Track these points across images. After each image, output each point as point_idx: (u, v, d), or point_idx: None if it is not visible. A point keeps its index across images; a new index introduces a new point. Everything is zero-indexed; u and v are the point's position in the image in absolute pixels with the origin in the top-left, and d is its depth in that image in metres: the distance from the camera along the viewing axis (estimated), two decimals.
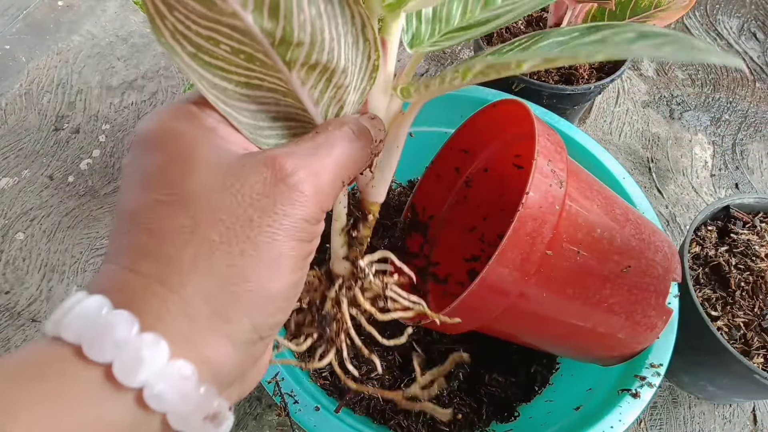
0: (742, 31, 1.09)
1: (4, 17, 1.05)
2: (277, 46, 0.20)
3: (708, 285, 0.60)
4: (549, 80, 0.74)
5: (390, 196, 0.64)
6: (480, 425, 0.51)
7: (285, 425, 0.62)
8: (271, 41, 0.20)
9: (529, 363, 0.54)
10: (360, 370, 0.49)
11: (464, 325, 0.41)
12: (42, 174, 0.82)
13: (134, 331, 0.15)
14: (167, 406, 0.15)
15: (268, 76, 0.21)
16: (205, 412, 0.16)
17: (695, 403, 0.66)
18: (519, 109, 0.45)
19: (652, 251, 0.42)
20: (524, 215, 0.35)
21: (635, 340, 0.43)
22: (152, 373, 0.15)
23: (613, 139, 0.91)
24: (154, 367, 0.15)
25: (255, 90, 0.22)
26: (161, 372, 0.15)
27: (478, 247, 0.57)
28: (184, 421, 0.16)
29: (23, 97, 0.92)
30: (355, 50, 0.22)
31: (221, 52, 0.20)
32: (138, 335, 0.15)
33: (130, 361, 0.15)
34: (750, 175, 0.88)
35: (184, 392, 0.15)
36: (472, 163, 0.56)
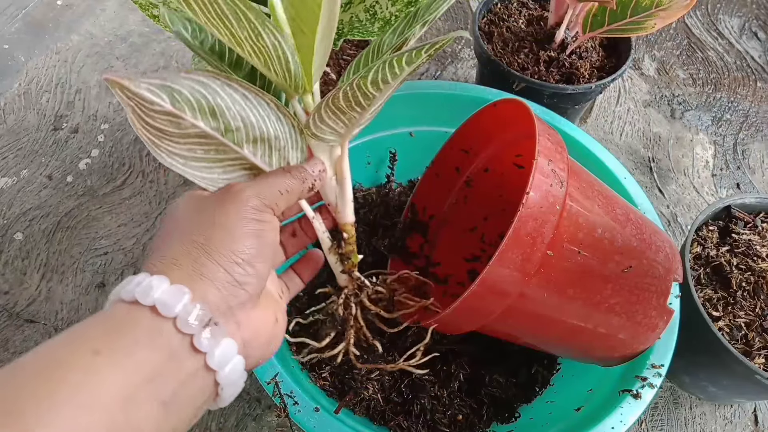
0: (743, 30, 1.09)
1: (3, 16, 1.05)
2: (225, 134, 0.31)
3: (709, 285, 0.60)
4: (550, 79, 0.74)
5: (390, 196, 0.63)
6: (481, 426, 0.50)
7: (285, 426, 0.62)
8: (221, 132, 0.31)
9: (529, 364, 0.54)
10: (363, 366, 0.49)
11: (465, 326, 0.41)
12: (41, 174, 0.82)
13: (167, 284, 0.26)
14: (173, 312, 0.25)
15: (229, 154, 0.32)
16: (196, 317, 0.25)
17: (696, 403, 0.66)
18: (519, 109, 0.45)
19: (653, 251, 0.42)
20: (525, 215, 0.34)
21: (636, 340, 0.42)
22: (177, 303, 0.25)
23: (614, 138, 0.91)
24: (180, 303, 0.25)
25: (223, 162, 0.33)
26: (168, 292, 0.25)
27: (479, 248, 0.57)
28: (185, 324, 0.25)
29: (22, 96, 0.92)
30: (280, 123, 0.33)
31: (199, 153, 0.32)
32: (170, 286, 0.26)
33: (169, 299, 0.25)
34: (751, 174, 0.88)
35: (185, 304, 0.25)
36: (472, 163, 0.56)
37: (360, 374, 0.48)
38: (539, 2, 0.86)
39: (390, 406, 0.49)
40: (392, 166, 0.65)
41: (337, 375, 0.49)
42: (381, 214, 0.61)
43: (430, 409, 0.49)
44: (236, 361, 0.27)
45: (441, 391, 0.50)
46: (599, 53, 0.79)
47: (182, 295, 0.25)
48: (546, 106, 0.58)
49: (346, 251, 0.40)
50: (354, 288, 0.41)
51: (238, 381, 0.27)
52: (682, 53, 1.05)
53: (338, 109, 0.31)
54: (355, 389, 0.48)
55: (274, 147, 0.33)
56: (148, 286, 0.25)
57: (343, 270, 0.41)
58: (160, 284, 0.25)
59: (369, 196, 0.64)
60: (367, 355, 0.44)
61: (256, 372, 0.41)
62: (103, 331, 0.24)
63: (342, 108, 0.31)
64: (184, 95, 0.28)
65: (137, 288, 0.25)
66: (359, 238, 0.59)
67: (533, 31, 0.80)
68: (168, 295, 0.25)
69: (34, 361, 0.22)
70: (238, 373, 0.27)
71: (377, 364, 0.42)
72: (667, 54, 1.05)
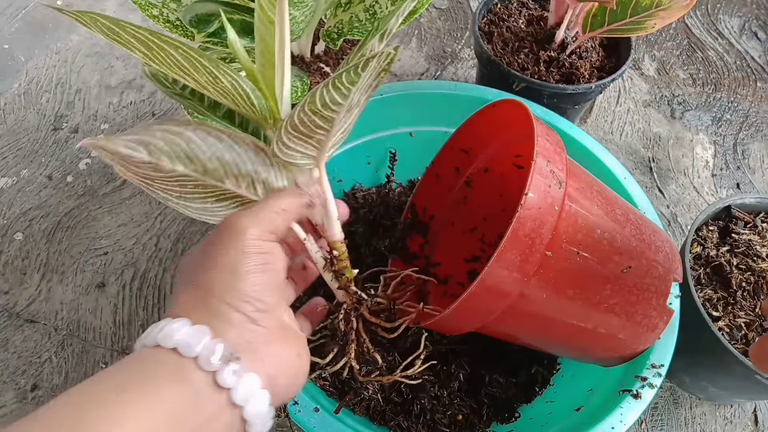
0: (743, 30, 1.09)
1: (3, 16, 1.05)
2: (203, 174, 0.33)
3: (709, 285, 0.60)
4: (550, 79, 0.74)
5: (390, 196, 0.63)
6: (480, 426, 0.50)
7: (284, 426, 0.62)
8: (200, 173, 0.33)
9: (529, 364, 0.54)
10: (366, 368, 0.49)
11: (464, 326, 0.41)
12: (41, 174, 0.82)
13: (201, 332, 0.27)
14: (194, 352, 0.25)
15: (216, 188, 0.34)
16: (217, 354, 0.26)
17: (696, 403, 0.66)
18: (519, 110, 0.45)
19: (653, 251, 0.42)
20: (523, 216, 0.34)
21: (636, 340, 0.42)
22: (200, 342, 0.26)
23: (614, 138, 0.91)
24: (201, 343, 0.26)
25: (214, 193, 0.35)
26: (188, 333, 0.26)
27: (479, 248, 0.57)
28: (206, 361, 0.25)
29: (22, 96, 0.92)
30: (259, 158, 0.34)
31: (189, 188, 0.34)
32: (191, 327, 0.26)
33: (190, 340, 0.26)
34: (751, 174, 0.88)
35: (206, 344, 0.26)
36: (472, 163, 0.56)
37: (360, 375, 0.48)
38: (539, 2, 0.86)
39: (390, 406, 0.49)
40: (392, 166, 0.65)
41: (337, 375, 0.49)
42: (381, 214, 0.61)
43: (430, 409, 0.49)
44: (261, 395, 0.27)
45: (441, 391, 0.50)
46: (599, 53, 0.79)
47: (203, 336, 0.26)
48: (546, 106, 0.58)
49: (340, 268, 0.41)
50: (353, 302, 0.42)
51: (266, 417, 0.27)
52: (682, 53, 1.05)
53: (300, 134, 0.32)
54: (355, 389, 0.48)
55: (257, 180, 0.35)
56: (169, 329, 0.26)
57: (339, 286, 0.42)
58: (181, 327, 0.26)
59: (369, 196, 0.64)
60: (368, 367, 0.44)
61: None
62: (127, 372, 0.25)
63: (304, 132, 0.32)
64: (159, 146, 0.30)
65: (159, 333, 0.26)
66: (359, 238, 0.59)
67: (533, 31, 0.80)
68: (188, 336, 0.26)
69: (65, 402, 0.23)
70: (265, 408, 0.27)
71: (377, 377, 0.43)
72: (667, 54, 1.05)
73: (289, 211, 0.32)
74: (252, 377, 0.26)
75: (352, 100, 0.31)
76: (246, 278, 0.28)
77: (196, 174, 0.33)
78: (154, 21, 0.60)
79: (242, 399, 0.26)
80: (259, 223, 0.30)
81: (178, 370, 0.25)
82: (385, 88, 0.59)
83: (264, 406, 0.27)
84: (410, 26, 1.07)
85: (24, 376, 0.65)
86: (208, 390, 0.25)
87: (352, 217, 0.62)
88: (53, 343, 0.67)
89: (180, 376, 0.25)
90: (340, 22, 0.68)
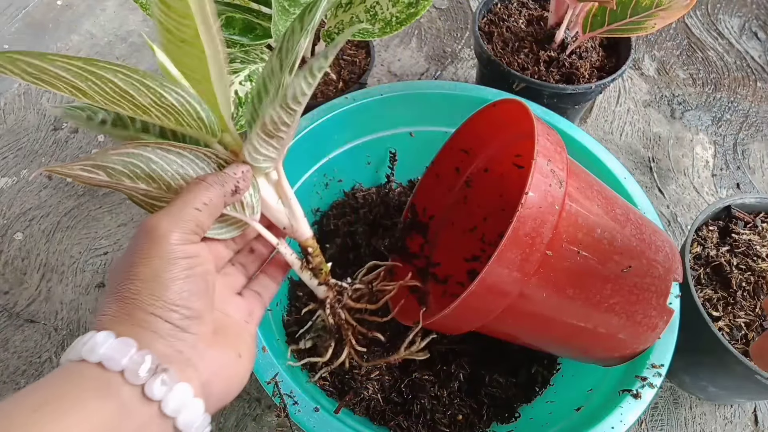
0: (743, 30, 1.09)
1: (3, 16, 1.05)
2: (167, 191, 0.32)
3: (709, 285, 0.60)
4: (550, 79, 0.74)
5: (390, 196, 0.63)
6: (480, 426, 0.50)
7: (284, 426, 0.62)
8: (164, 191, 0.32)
9: (529, 364, 0.54)
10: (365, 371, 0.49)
11: (465, 326, 0.41)
12: (41, 174, 0.82)
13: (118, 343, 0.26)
14: (120, 365, 0.25)
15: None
16: (144, 367, 0.25)
17: (696, 403, 0.66)
18: (519, 109, 0.45)
19: (653, 251, 0.42)
20: (523, 215, 0.34)
21: (636, 340, 0.42)
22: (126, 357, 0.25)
23: (614, 138, 0.91)
24: (127, 356, 0.25)
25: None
26: (113, 347, 0.25)
27: (479, 247, 0.57)
28: (133, 375, 0.25)
29: (22, 96, 0.92)
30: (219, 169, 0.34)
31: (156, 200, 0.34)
32: (115, 340, 0.26)
33: (115, 353, 0.25)
34: (751, 174, 0.88)
35: (132, 356, 0.25)
36: (472, 163, 0.56)
37: (360, 374, 0.48)
38: (539, 2, 0.86)
39: (390, 406, 0.49)
40: (392, 166, 0.65)
41: (337, 375, 0.49)
42: (381, 214, 0.61)
43: (430, 409, 0.49)
44: (194, 404, 0.26)
45: (441, 391, 0.50)
46: (599, 53, 0.79)
47: (128, 348, 0.25)
48: (546, 106, 0.58)
49: (316, 264, 0.41)
50: (335, 295, 0.42)
51: (201, 425, 0.27)
52: (682, 53, 1.05)
53: (268, 134, 0.32)
54: (354, 389, 0.48)
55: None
56: (93, 343, 0.25)
57: (319, 282, 0.42)
58: (106, 340, 0.25)
59: (369, 196, 0.64)
60: (370, 352, 0.45)
61: (256, 372, 0.41)
62: (48, 388, 0.24)
63: (271, 132, 0.31)
64: (117, 169, 0.30)
65: (84, 347, 0.25)
66: (359, 238, 0.59)
67: (533, 31, 0.80)
68: (113, 350, 0.25)
69: None
70: (199, 416, 0.26)
71: (382, 358, 0.43)
72: (667, 54, 1.05)
73: (212, 204, 0.30)
74: (183, 387, 0.26)
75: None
76: (170, 286, 0.27)
77: (160, 192, 0.32)
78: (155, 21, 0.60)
79: (173, 410, 0.25)
80: (181, 225, 0.29)
81: (104, 385, 0.24)
82: (385, 88, 0.59)
83: (197, 415, 0.26)
84: (410, 26, 1.07)
85: (24, 376, 0.65)
86: (136, 403, 0.24)
87: (353, 216, 0.62)
88: (53, 343, 0.67)
89: (106, 390, 0.24)
90: (340, 23, 0.68)
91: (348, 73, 0.75)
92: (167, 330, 0.27)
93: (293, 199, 0.38)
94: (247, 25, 0.60)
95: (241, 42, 0.60)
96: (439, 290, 0.54)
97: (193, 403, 0.26)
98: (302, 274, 0.41)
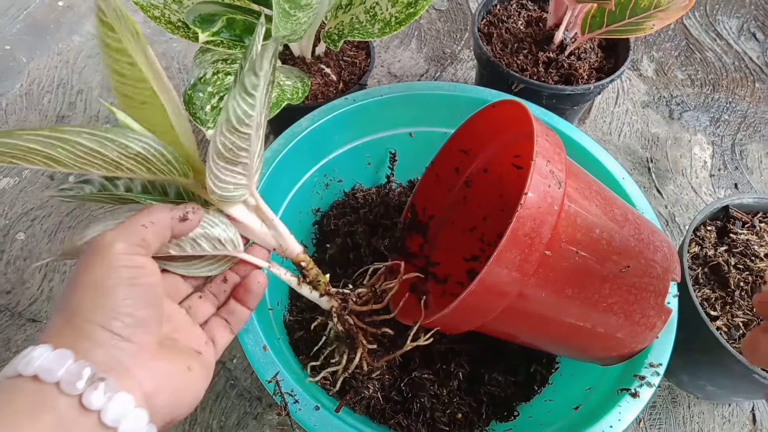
0: (741, 31, 1.09)
1: (5, 17, 1.05)
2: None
3: (707, 285, 0.60)
4: (549, 80, 0.74)
5: (390, 196, 0.64)
6: (480, 425, 0.51)
7: (285, 424, 0.63)
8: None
9: (528, 363, 0.54)
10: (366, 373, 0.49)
11: (464, 325, 0.41)
12: (43, 174, 0.83)
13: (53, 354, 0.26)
14: (55, 377, 0.24)
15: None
16: (80, 377, 0.25)
17: (694, 402, 0.66)
18: (518, 110, 0.45)
19: (651, 251, 0.42)
20: (523, 216, 0.35)
21: (634, 339, 0.43)
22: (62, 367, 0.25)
23: (613, 139, 0.91)
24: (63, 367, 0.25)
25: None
26: (50, 359, 0.25)
27: (478, 247, 0.58)
28: (69, 385, 0.24)
29: (24, 97, 0.92)
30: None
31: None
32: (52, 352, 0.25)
33: (51, 365, 0.25)
34: (749, 175, 0.88)
35: (69, 367, 0.25)
36: (471, 164, 0.56)
37: (362, 374, 0.49)
38: (538, 3, 0.87)
39: (390, 405, 0.49)
40: (392, 167, 0.65)
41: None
42: (381, 214, 0.61)
43: (429, 408, 0.49)
44: (137, 414, 0.26)
45: (440, 389, 0.50)
46: (598, 54, 0.79)
47: (64, 359, 0.25)
48: (545, 107, 0.58)
49: (313, 278, 0.42)
50: (340, 303, 0.43)
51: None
52: (680, 54, 1.05)
53: (227, 161, 0.32)
54: (355, 388, 0.48)
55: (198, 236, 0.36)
56: (30, 357, 0.25)
57: (321, 294, 0.42)
58: (43, 353, 0.25)
59: (369, 196, 0.64)
60: (381, 350, 0.45)
61: (257, 371, 0.42)
62: None
63: (229, 158, 0.32)
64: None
65: (20, 362, 0.25)
66: (359, 238, 0.59)
67: (532, 32, 0.80)
68: (49, 362, 0.25)
69: None
70: (143, 427, 0.26)
71: (392, 354, 0.44)
72: (665, 55, 1.05)
73: (159, 224, 0.31)
74: (123, 396, 0.25)
75: (259, 114, 0.31)
76: (112, 293, 0.27)
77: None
78: (156, 22, 0.60)
79: (113, 419, 0.25)
80: (126, 237, 0.29)
81: (40, 399, 0.24)
82: (385, 89, 0.59)
83: (140, 425, 0.26)
84: (410, 27, 1.07)
85: None
86: (75, 414, 0.24)
87: (353, 216, 0.62)
88: None
89: (41, 404, 0.24)
90: (340, 24, 0.68)
91: (348, 74, 0.75)
92: (107, 339, 0.27)
93: (275, 219, 0.39)
94: (249, 26, 0.60)
95: (242, 44, 0.60)
96: (439, 290, 0.54)
97: (135, 413, 0.26)
98: (301, 289, 0.42)
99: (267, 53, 0.28)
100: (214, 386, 0.65)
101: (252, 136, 0.31)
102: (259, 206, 0.38)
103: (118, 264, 0.28)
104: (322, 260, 0.61)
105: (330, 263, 0.60)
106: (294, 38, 0.62)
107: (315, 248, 0.64)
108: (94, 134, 0.28)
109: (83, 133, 0.28)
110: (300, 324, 0.53)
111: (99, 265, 0.28)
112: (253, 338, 0.42)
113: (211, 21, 0.57)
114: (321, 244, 0.64)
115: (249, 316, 0.39)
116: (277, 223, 0.39)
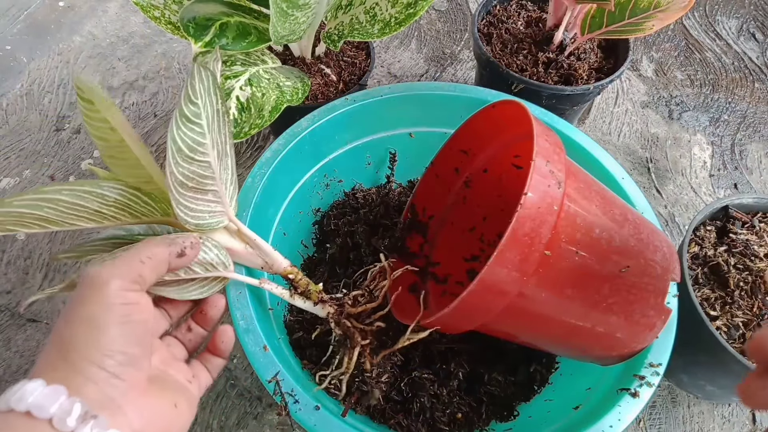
0: (741, 31, 1.10)
1: (6, 18, 1.05)
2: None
3: (707, 285, 0.60)
4: (548, 81, 0.74)
5: (390, 196, 0.64)
6: (480, 424, 0.51)
7: (285, 424, 0.63)
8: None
9: (528, 362, 0.54)
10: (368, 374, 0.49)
11: (464, 325, 0.41)
12: (43, 174, 0.83)
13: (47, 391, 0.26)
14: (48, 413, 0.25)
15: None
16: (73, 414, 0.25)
17: (694, 402, 0.67)
18: (518, 110, 0.45)
19: (650, 251, 0.42)
20: (522, 216, 0.35)
21: (634, 339, 0.43)
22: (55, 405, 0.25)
23: (612, 139, 0.92)
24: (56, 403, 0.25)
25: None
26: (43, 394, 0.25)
27: (478, 247, 0.58)
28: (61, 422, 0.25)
29: (24, 97, 0.92)
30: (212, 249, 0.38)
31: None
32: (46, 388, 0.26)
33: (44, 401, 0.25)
34: (749, 175, 0.88)
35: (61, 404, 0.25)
36: (471, 164, 0.56)
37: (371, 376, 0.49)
38: (538, 4, 0.87)
39: (390, 405, 0.49)
40: (392, 167, 0.65)
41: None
42: (381, 214, 0.61)
43: (429, 408, 0.49)
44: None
45: (440, 389, 0.50)
46: (597, 54, 0.79)
47: (58, 396, 0.25)
48: (544, 107, 0.58)
49: (303, 288, 0.43)
50: (335, 309, 0.44)
51: None
52: (680, 54, 1.05)
53: (193, 190, 0.33)
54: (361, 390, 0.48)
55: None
56: (23, 392, 0.25)
57: (314, 303, 0.43)
58: (36, 388, 0.25)
59: (369, 196, 0.64)
60: (379, 345, 0.46)
61: (257, 370, 0.42)
62: None
63: (195, 187, 0.32)
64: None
65: (13, 396, 0.25)
66: (359, 238, 0.59)
67: (532, 32, 0.80)
68: (43, 397, 0.25)
69: None
70: None
71: (391, 348, 0.45)
72: (665, 55, 1.05)
73: (156, 259, 0.31)
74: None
75: (216, 142, 0.32)
76: (106, 331, 0.27)
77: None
78: (156, 23, 0.60)
79: None
80: (122, 274, 0.29)
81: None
82: (385, 89, 0.59)
83: None
84: (410, 28, 1.07)
85: (26, 376, 0.65)
86: None
87: (353, 216, 0.62)
88: None
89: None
90: (340, 24, 0.68)
91: (348, 75, 0.75)
92: (100, 376, 0.27)
93: (257, 239, 0.40)
94: (241, 31, 0.60)
95: (233, 52, 0.60)
96: (439, 290, 0.54)
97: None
98: (294, 301, 0.43)
99: (200, 78, 0.29)
100: (215, 386, 0.65)
101: (212, 164, 0.32)
102: (240, 230, 0.39)
103: (114, 302, 0.28)
104: (322, 260, 0.61)
105: (330, 263, 0.60)
106: (293, 38, 0.62)
107: (315, 248, 0.64)
108: (73, 190, 0.30)
109: (63, 190, 0.29)
110: (300, 324, 0.53)
111: (94, 303, 0.28)
112: (253, 338, 0.42)
113: (204, 27, 0.56)
114: (321, 244, 0.64)
115: (224, 365, 0.42)
116: (260, 242, 0.40)
